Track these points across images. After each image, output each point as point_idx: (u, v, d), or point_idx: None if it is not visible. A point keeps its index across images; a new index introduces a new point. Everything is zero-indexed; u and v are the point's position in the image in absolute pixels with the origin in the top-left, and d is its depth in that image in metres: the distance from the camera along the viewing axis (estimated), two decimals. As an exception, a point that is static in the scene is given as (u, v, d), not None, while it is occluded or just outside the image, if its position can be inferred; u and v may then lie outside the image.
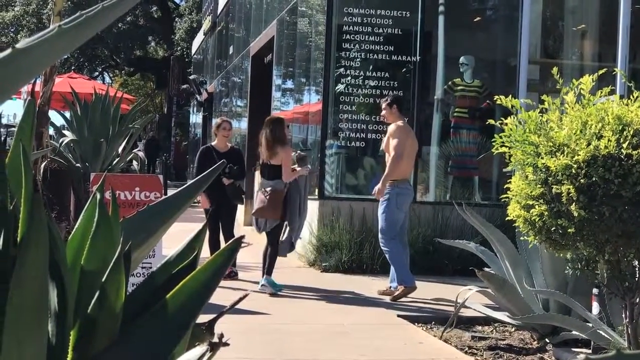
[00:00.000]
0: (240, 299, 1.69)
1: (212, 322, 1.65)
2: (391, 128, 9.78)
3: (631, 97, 5.65)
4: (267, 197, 9.88)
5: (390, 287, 9.63)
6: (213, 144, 11.20)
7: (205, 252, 1.65)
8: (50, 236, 1.45)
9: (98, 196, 1.61)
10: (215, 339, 1.56)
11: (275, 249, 9.92)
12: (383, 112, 10.01)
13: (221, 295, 2.68)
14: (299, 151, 10.95)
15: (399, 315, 8.48)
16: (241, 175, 10.97)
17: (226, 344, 1.56)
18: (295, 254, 12.42)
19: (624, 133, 5.31)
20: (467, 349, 7.20)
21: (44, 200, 1.44)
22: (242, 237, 1.54)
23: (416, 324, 8.21)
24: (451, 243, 8.56)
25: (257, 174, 16.80)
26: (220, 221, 10.77)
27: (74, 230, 1.65)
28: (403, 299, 9.33)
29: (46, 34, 1.36)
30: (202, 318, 1.60)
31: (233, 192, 10.71)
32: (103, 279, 1.50)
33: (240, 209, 20.57)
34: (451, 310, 7.77)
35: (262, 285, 9.81)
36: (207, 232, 10.88)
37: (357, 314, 8.65)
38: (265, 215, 9.88)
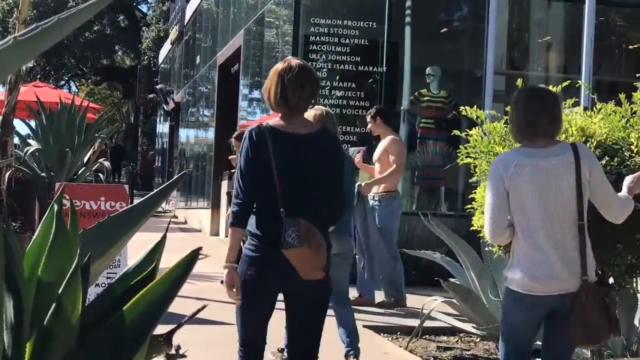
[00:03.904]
0: (199, 310, 1.69)
1: (170, 334, 1.64)
2: (387, 142, 9.70)
3: (595, 108, 5.69)
4: None
5: (360, 295, 9.65)
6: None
7: (166, 262, 1.64)
8: (6, 247, 1.44)
9: (56, 207, 1.60)
10: (173, 351, 1.56)
11: None
12: (369, 126, 9.95)
13: (182, 305, 2.67)
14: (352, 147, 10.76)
15: (364, 326, 8.46)
16: None
17: (183, 356, 1.55)
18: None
19: (587, 144, 5.35)
20: (432, 359, 7.22)
21: (6, 210, 1.44)
22: (200, 248, 1.53)
23: (382, 334, 8.21)
24: (417, 254, 8.54)
25: (224, 184, 16.79)
26: None
27: (32, 241, 1.64)
28: (368, 309, 9.33)
29: (1, 45, 1.35)
30: (163, 328, 1.59)
31: None
32: (60, 291, 1.49)
33: (207, 217, 20.54)
34: (417, 321, 7.78)
35: None
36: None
37: (323, 324, 8.63)
38: None
